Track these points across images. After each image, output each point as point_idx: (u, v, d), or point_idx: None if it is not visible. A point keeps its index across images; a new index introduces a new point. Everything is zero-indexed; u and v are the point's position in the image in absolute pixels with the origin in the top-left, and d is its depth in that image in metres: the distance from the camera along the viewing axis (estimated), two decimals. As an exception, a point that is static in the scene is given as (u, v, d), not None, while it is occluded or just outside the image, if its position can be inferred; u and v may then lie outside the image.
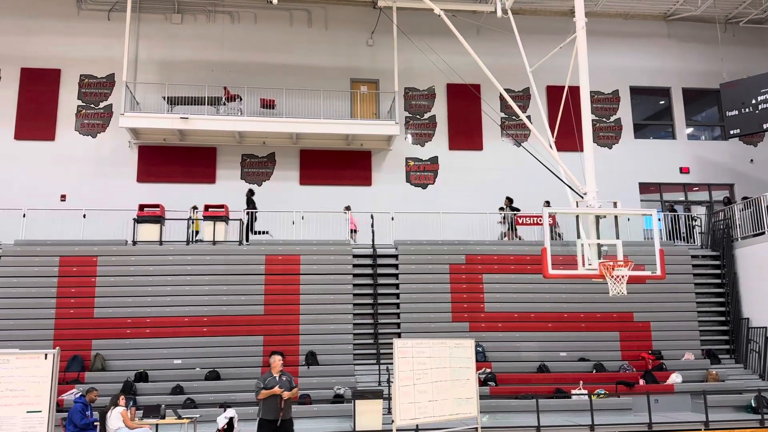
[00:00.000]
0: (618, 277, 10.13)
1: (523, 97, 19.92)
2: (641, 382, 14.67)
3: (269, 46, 19.53)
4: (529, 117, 16.75)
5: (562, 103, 12.95)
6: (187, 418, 11.05)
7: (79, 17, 18.93)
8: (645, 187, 20.33)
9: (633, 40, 21.21)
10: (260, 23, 19.71)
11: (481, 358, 15.02)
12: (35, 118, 18.21)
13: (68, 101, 18.55)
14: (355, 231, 17.57)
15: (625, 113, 20.83)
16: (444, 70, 16.91)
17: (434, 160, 19.77)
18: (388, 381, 13.62)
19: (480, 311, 16.01)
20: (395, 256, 16.61)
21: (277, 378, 8.68)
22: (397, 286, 16.26)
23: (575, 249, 10.98)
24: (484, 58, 14.15)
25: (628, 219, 17.39)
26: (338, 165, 19.26)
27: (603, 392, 13.99)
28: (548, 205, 16.64)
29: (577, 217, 11.14)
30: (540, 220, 17.26)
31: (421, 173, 19.70)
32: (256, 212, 17.29)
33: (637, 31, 21.29)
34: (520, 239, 17.75)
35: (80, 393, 11.59)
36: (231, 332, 15.15)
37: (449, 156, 19.80)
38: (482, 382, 14.11)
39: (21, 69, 18.44)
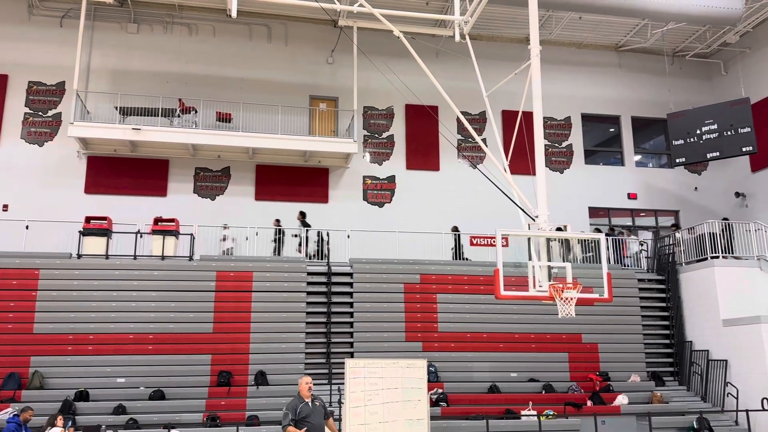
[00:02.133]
0: (567, 299, 10.31)
1: (480, 121, 20.27)
2: (589, 403, 14.90)
3: (227, 60, 19.36)
4: (484, 140, 17.07)
5: (516, 128, 13.21)
6: (128, 439, 10.65)
7: (30, 22, 18.38)
8: (594, 212, 20.89)
9: (585, 68, 21.91)
10: (219, 36, 19.54)
11: (434, 378, 15.00)
12: (-22, 124, 17.51)
13: (15, 108, 17.91)
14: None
15: (576, 139, 21.42)
16: (403, 90, 17.09)
17: (391, 179, 19.85)
18: (339, 401, 13.44)
19: (433, 331, 16.03)
20: (350, 274, 16.52)
21: (311, 405, 7.48)
22: (351, 304, 16.14)
23: (527, 270, 11.15)
24: (442, 81, 14.38)
25: (579, 242, 17.84)
26: (295, 181, 19.13)
27: (552, 413, 14.13)
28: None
29: (529, 239, 11.33)
30: (493, 241, 17.50)
31: (378, 192, 19.74)
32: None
33: (589, 60, 22.02)
34: (467, 260, 17.91)
35: (14, 412, 11.05)
36: (178, 350, 14.71)
37: (406, 175, 19.92)
38: (434, 403, 14.08)
39: (-35, 73, 17.75)
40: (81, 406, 13.24)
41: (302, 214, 17.80)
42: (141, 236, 15.82)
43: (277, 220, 17.66)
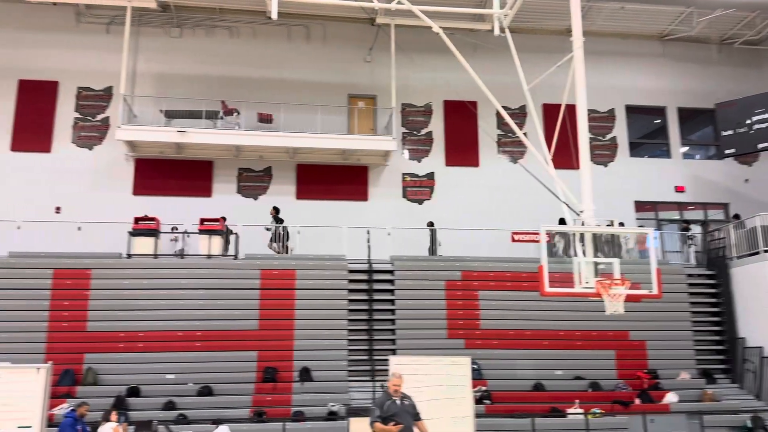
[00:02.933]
0: (615, 295, 10.12)
1: (520, 115, 19.99)
2: (637, 401, 14.60)
3: (267, 61, 19.61)
4: (525, 134, 16.83)
5: (559, 121, 13.01)
6: (179, 434, 10.93)
7: (78, 30, 18.97)
8: (640, 206, 20.38)
9: (629, 59, 21.39)
10: (259, 38, 19.81)
11: (477, 375, 14.90)
12: (32, 129, 18.16)
13: (65, 113, 18.52)
14: None
15: (620, 132, 20.95)
16: (441, 87, 17.03)
17: (430, 176, 19.80)
18: (383, 398, 13.49)
19: (475, 328, 15.95)
20: (391, 272, 16.56)
21: (399, 403, 7.13)
22: (392, 302, 16.20)
23: (572, 266, 10.98)
24: (481, 75, 14.26)
25: (626, 237, 17.45)
26: (335, 180, 19.27)
27: (599, 411, 13.90)
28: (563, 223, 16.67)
29: (574, 234, 11.15)
30: (535, 237, 17.30)
31: (418, 189, 19.72)
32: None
33: (633, 50, 21.48)
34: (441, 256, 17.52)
35: (71, 408, 11.45)
36: (224, 347, 15.02)
37: (445, 172, 19.83)
38: (477, 401, 13.99)
39: (19, 81, 18.41)
40: (133, 401, 13.66)
41: (275, 210, 17.78)
42: (188, 236, 16.18)
43: (275, 208, 17.63)
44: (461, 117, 19.69)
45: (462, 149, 19.99)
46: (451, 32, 14.67)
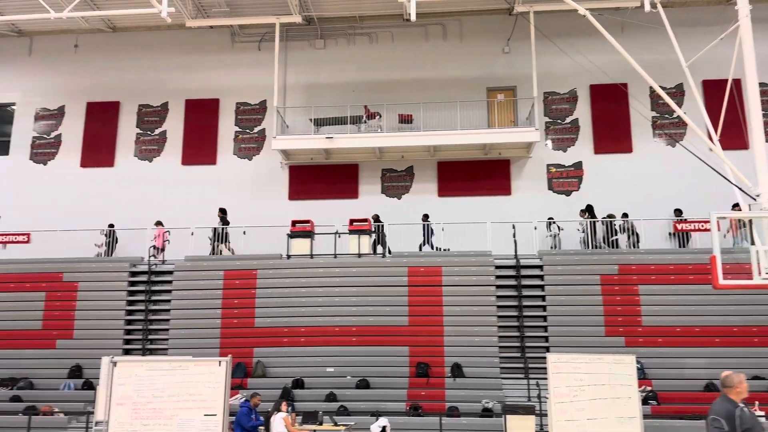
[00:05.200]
0: (804, 288, 9.03)
1: (676, 94, 18.47)
2: (832, 405, 12.91)
3: (406, 63, 19.96)
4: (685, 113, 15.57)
5: (726, 98, 11.86)
6: (343, 424, 11.49)
7: (233, 49, 20.62)
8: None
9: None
10: (397, 41, 20.23)
11: (641, 375, 14.01)
12: (199, 145, 20.06)
13: (227, 128, 20.22)
14: (161, 249, 17.47)
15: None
16: (587, 71, 16.25)
17: (578, 166, 18.97)
18: (539, 396, 13.21)
19: (637, 324, 15.04)
20: (540, 267, 16.13)
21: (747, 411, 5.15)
22: (543, 297, 15.77)
23: (743, 257, 9.98)
24: (632, 55, 13.38)
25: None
26: (476, 175, 19.14)
27: (785, 416, 12.49)
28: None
29: (750, 221, 10.12)
30: (701, 226, 15.99)
31: (564, 180, 18.99)
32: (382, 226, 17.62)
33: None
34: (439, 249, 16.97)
35: (244, 398, 12.47)
36: (378, 342, 15.55)
37: (594, 160, 18.90)
38: (643, 401, 13.18)
39: (185, 101, 20.41)
40: (298, 393, 14.61)
41: (222, 211, 18.02)
42: (339, 236, 16.96)
43: (222, 209, 18.06)
44: (610, 101, 18.67)
45: (612, 135, 18.92)
46: (598, 13, 13.93)
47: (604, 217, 17.09)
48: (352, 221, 17.03)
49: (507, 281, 16.07)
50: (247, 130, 20.18)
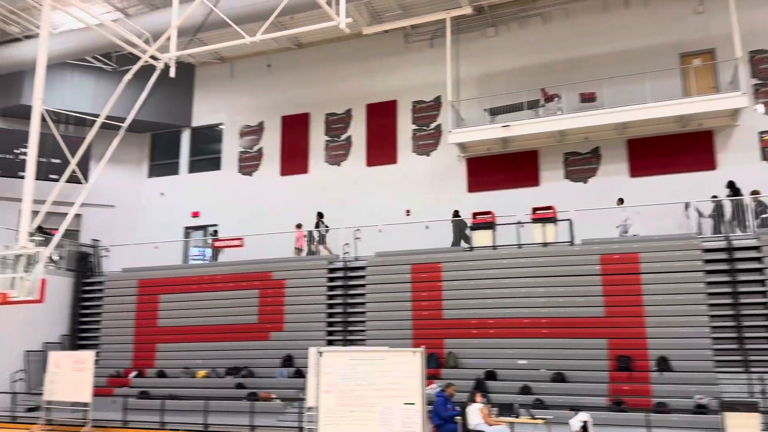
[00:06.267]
0: None
1: None
2: None
3: (583, 39, 18.89)
4: None
5: None
6: (541, 418, 11.24)
7: (407, 50, 21.15)
8: None
9: None
10: (572, 18, 19.23)
11: None
12: (381, 145, 20.94)
13: (405, 127, 20.85)
14: (300, 249, 18.70)
15: None
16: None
17: (800, 130, 16.46)
18: (763, 392, 11.72)
19: None
20: (756, 248, 14.27)
21: None
22: (762, 282, 13.93)
23: None
24: None
25: None
26: (673, 151, 17.52)
27: None
28: None
29: None
30: None
31: (783, 147, 16.59)
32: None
33: None
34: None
35: (440, 388, 12.75)
36: (571, 334, 14.96)
37: (820, 122, 16.25)
38: None
39: (366, 105, 21.42)
40: (491, 384, 14.60)
41: (320, 215, 19.31)
42: (522, 226, 16.60)
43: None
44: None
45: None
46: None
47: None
48: (534, 209, 16.57)
49: (718, 266, 14.47)
50: (424, 127, 20.59)
